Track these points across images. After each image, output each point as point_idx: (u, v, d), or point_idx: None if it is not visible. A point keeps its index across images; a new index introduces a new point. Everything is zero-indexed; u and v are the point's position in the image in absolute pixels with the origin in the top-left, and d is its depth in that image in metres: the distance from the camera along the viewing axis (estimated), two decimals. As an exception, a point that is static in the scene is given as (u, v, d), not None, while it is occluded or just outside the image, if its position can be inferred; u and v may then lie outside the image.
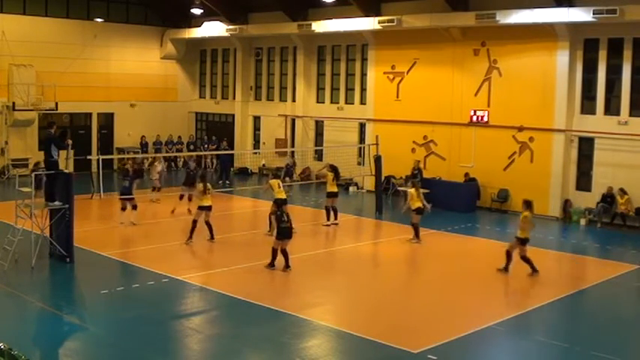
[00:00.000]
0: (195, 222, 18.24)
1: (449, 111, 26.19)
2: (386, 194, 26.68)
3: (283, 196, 19.06)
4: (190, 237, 18.14)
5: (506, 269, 16.28)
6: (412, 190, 19.40)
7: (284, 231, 15.95)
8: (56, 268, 15.96)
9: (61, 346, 11.81)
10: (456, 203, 24.18)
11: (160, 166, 24.96)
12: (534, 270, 16.11)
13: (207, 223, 18.44)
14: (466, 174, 25.32)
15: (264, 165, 32.91)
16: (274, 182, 19.46)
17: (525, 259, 16.11)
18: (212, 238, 18.51)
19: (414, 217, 19.21)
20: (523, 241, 16.11)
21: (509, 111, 24.67)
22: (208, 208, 18.41)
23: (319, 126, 31.48)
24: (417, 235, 19.25)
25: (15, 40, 29.33)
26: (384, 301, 14.34)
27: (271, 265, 16.06)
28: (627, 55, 22.36)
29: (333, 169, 21.66)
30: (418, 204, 19.13)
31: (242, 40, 33.21)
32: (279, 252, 16.00)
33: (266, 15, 31.37)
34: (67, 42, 31.35)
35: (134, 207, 20.66)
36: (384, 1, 27.55)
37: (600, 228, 22.41)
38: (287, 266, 16.03)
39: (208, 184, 18.62)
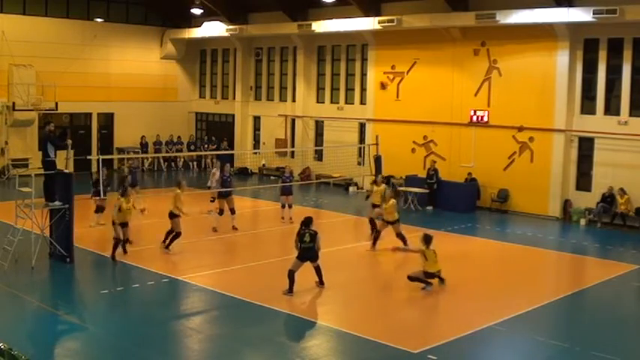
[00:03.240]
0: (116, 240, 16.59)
1: (449, 111, 26.19)
2: (386, 194, 26.64)
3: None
4: (122, 250, 16.82)
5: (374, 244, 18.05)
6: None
7: (304, 252, 14.33)
8: (56, 268, 15.96)
9: (61, 346, 11.81)
10: (455, 203, 24.18)
11: (218, 173, 22.31)
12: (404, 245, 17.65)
13: (120, 241, 16.75)
14: (469, 174, 25.32)
15: (264, 165, 32.92)
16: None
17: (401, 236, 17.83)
18: (124, 252, 16.97)
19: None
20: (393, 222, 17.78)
21: (509, 111, 24.66)
22: (124, 225, 16.84)
23: (319, 126, 31.48)
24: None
25: (15, 40, 29.32)
26: (384, 301, 14.34)
27: (289, 291, 14.18)
28: (627, 55, 22.36)
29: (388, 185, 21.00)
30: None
31: (242, 40, 33.21)
32: (296, 272, 14.37)
33: (266, 15, 31.38)
34: (67, 42, 31.36)
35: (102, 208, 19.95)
36: (384, 1, 27.55)
37: (600, 228, 22.41)
38: (320, 282, 14.69)
39: (130, 198, 16.93)
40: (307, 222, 14.59)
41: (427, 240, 14.91)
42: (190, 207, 22.45)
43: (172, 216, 17.42)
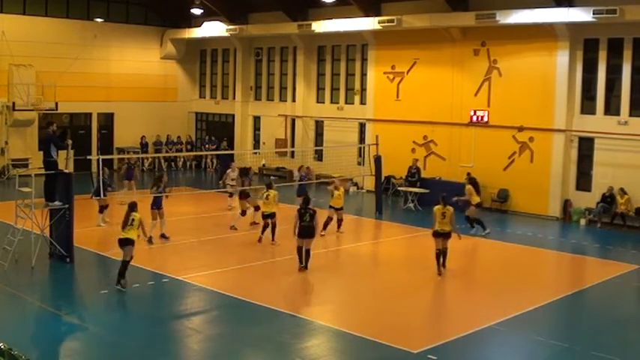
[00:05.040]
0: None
1: (449, 111, 26.19)
2: (386, 194, 26.69)
3: (269, 209, 18.40)
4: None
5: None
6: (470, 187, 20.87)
7: (303, 230, 15.81)
8: (56, 268, 15.95)
9: (61, 346, 11.81)
10: (455, 203, 24.11)
11: (234, 173, 23.03)
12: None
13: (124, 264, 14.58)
14: (468, 174, 25.29)
15: (264, 165, 32.92)
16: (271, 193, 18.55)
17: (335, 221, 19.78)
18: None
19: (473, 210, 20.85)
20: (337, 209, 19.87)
21: (509, 111, 24.66)
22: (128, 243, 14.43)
23: (319, 126, 31.49)
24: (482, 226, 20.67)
25: (15, 40, 29.31)
26: (384, 301, 14.34)
27: (300, 267, 15.88)
28: (627, 55, 22.36)
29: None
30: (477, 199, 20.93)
31: (242, 40, 33.21)
32: (303, 250, 15.93)
33: (266, 15, 31.38)
34: (67, 42, 31.35)
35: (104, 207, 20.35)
36: (384, 1, 27.55)
37: (600, 228, 22.41)
38: (305, 266, 15.90)
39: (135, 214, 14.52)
40: (307, 200, 16.06)
41: (442, 199, 16.26)
42: (201, 207, 22.54)
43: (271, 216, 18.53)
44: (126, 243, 14.36)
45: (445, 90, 26.28)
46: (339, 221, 20.20)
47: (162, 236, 18.63)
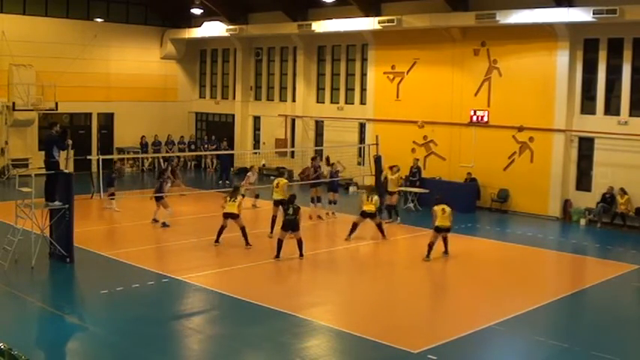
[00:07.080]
0: None
1: (449, 111, 26.19)
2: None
3: (279, 196, 19.95)
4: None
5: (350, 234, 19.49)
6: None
7: (287, 223, 16.96)
8: (56, 268, 15.95)
9: (61, 346, 11.79)
10: (455, 203, 24.12)
11: (253, 177, 24.57)
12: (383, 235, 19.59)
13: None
14: (468, 173, 25.32)
15: (264, 165, 32.91)
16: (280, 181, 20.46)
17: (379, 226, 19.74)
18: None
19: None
20: (365, 214, 19.44)
21: (509, 111, 24.67)
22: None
23: (319, 126, 31.48)
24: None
25: (15, 40, 29.32)
26: (384, 301, 14.34)
27: (276, 256, 16.89)
28: (627, 55, 22.36)
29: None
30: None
31: (242, 40, 33.22)
32: (284, 243, 16.97)
33: (266, 15, 31.38)
34: (67, 42, 31.35)
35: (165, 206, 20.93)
36: (384, 1, 27.55)
37: (600, 228, 22.41)
38: (300, 255, 17.00)
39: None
40: (292, 199, 17.43)
41: (437, 200, 17.98)
42: (201, 207, 22.50)
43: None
44: (231, 217, 17.92)
45: (445, 90, 26.28)
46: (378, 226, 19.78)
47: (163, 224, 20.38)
